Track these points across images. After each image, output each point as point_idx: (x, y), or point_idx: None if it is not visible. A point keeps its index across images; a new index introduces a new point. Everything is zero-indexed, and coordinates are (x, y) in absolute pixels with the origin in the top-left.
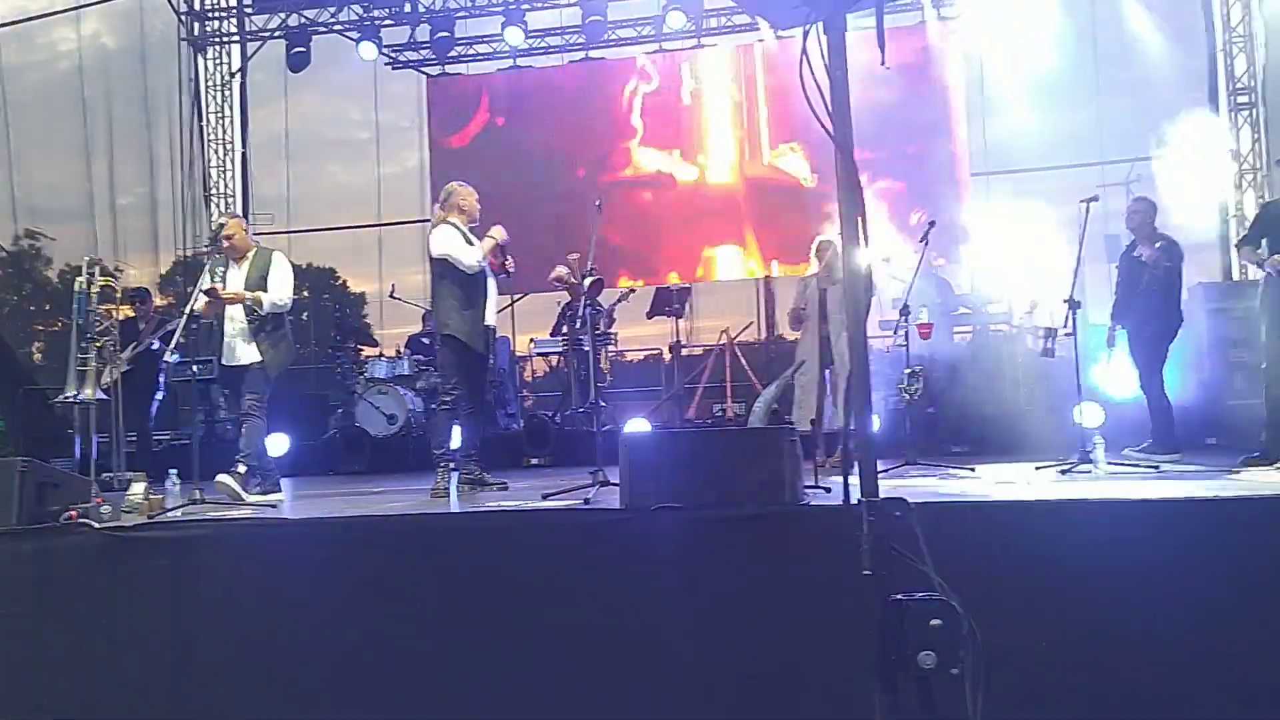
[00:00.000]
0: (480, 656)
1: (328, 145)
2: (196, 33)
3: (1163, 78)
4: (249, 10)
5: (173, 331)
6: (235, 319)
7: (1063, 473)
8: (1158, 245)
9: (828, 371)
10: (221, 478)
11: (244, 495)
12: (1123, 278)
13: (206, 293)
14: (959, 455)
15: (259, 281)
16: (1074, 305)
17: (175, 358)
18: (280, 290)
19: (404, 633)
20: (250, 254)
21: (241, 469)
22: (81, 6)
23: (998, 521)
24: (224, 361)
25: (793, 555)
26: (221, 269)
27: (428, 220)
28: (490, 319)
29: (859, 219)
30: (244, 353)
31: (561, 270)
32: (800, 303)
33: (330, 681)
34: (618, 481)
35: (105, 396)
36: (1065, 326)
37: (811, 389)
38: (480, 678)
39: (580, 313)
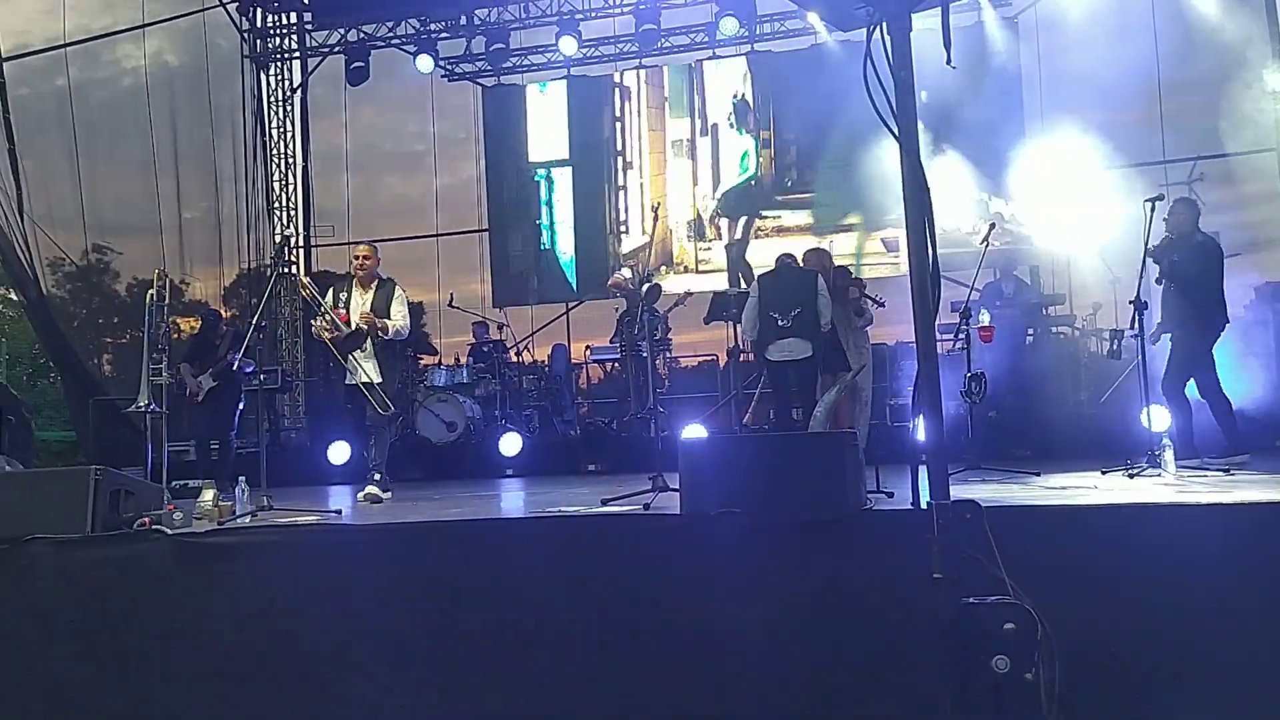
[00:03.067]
0: (541, 660)
1: (386, 157)
2: (259, 50)
3: (1226, 75)
4: (310, 27)
5: (245, 341)
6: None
7: (1131, 476)
8: (1197, 240)
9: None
10: (370, 490)
11: (384, 497)
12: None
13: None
14: (1021, 459)
15: (382, 309)
16: (1140, 306)
17: (249, 366)
18: (402, 321)
19: (465, 635)
20: (375, 281)
21: (377, 477)
22: (147, 25)
23: (1066, 525)
24: (347, 381)
25: (857, 560)
26: (344, 294)
27: (484, 230)
28: None
29: (925, 221)
30: (368, 372)
31: (620, 276)
32: None
33: (397, 683)
34: (677, 487)
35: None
36: (1132, 328)
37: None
38: (541, 680)
39: (638, 319)
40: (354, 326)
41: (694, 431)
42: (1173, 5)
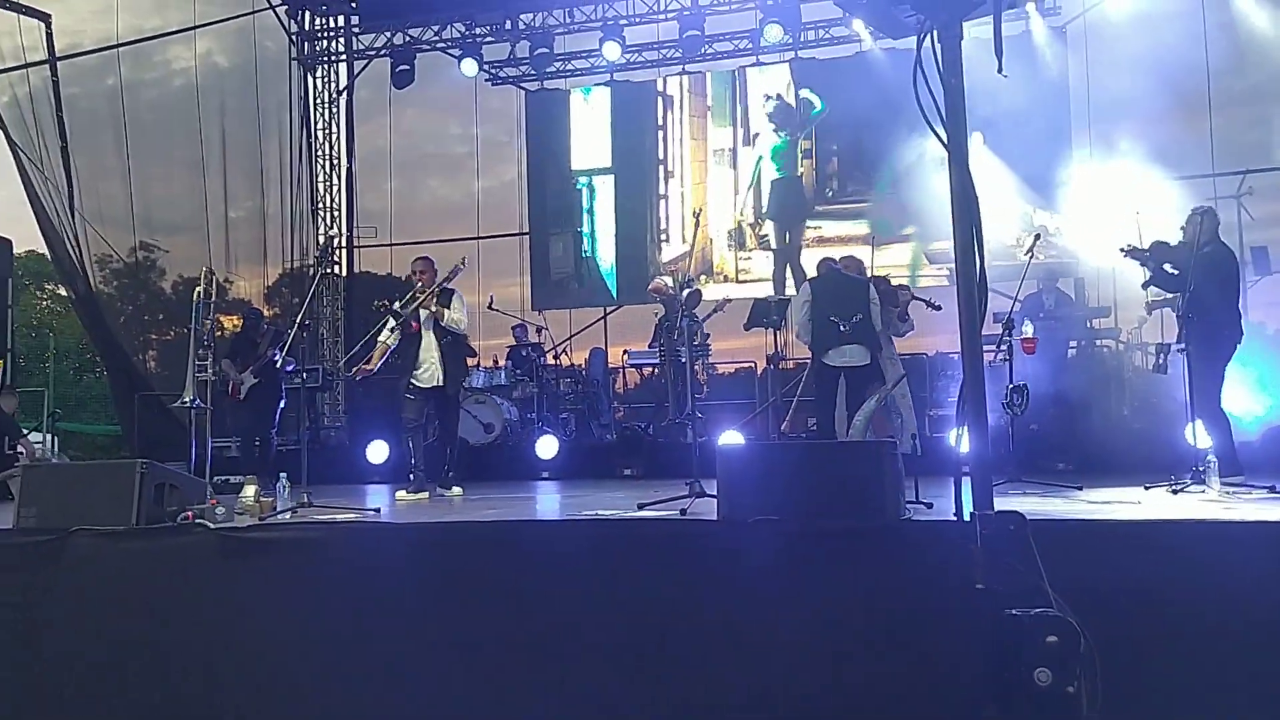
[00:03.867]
0: (574, 663)
1: (428, 159)
2: (306, 52)
3: (1277, 89)
4: (356, 30)
5: (287, 340)
6: (429, 347)
7: (1174, 492)
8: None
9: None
10: (455, 490)
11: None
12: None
13: (394, 313)
14: (1063, 473)
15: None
16: (1187, 320)
17: (291, 364)
18: (459, 313)
19: (500, 636)
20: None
21: (450, 474)
22: (197, 27)
23: (1109, 539)
24: (420, 385)
25: (896, 570)
26: (411, 304)
27: (525, 233)
28: None
29: (974, 229)
30: (434, 376)
31: (660, 281)
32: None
33: (432, 682)
34: (714, 493)
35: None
36: (1178, 342)
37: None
38: (574, 684)
39: (677, 324)
40: (439, 340)
41: (731, 438)
42: (1224, 16)
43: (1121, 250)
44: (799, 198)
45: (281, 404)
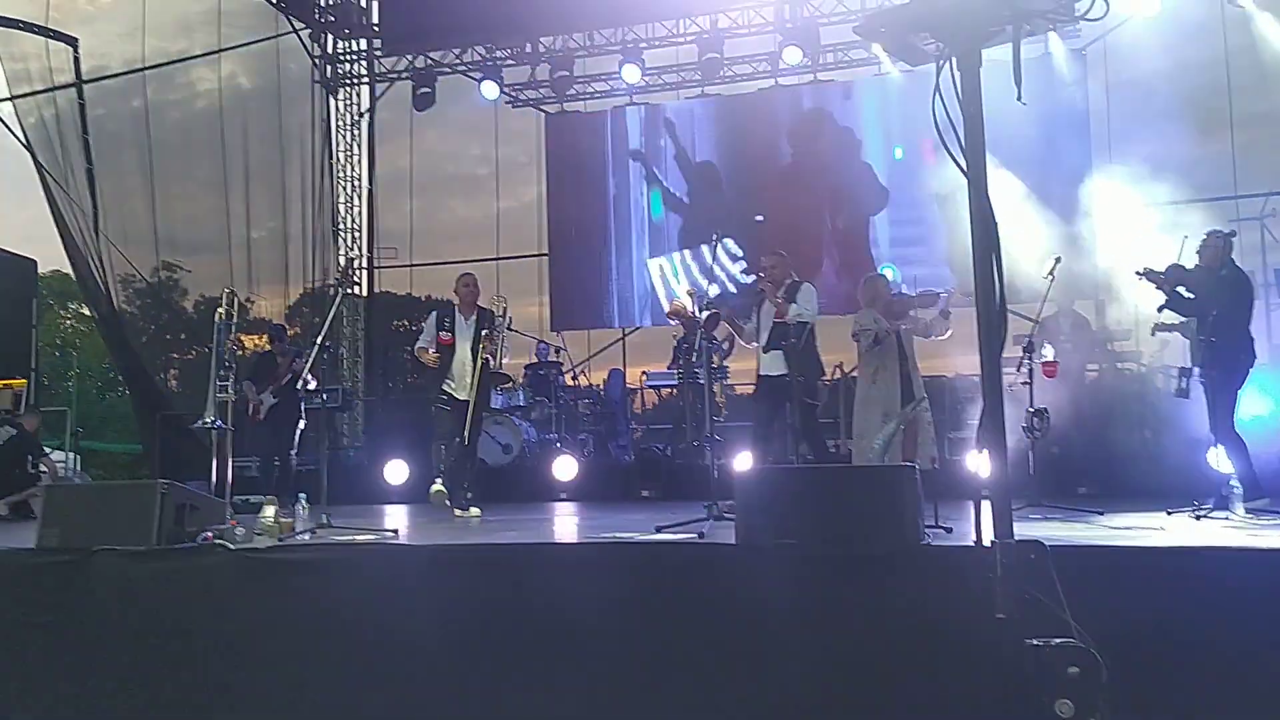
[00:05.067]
0: (592, 685)
1: (449, 181)
2: (329, 75)
3: None
4: (379, 54)
5: (308, 361)
6: (465, 361)
7: (1197, 518)
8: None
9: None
10: (474, 510)
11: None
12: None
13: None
14: (1084, 498)
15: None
16: (1208, 344)
17: (313, 384)
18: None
19: (517, 658)
20: (477, 308)
21: (469, 495)
22: (222, 50)
23: (1132, 568)
24: (458, 397)
25: (914, 596)
26: (449, 319)
27: (545, 254)
28: None
29: (992, 254)
30: (467, 390)
31: (679, 303)
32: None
33: (448, 702)
34: (732, 516)
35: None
36: (1196, 365)
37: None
38: (591, 706)
39: (695, 346)
40: (475, 357)
41: (749, 460)
42: (1245, 37)
43: (1138, 273)
44: None
45: (301, 424)
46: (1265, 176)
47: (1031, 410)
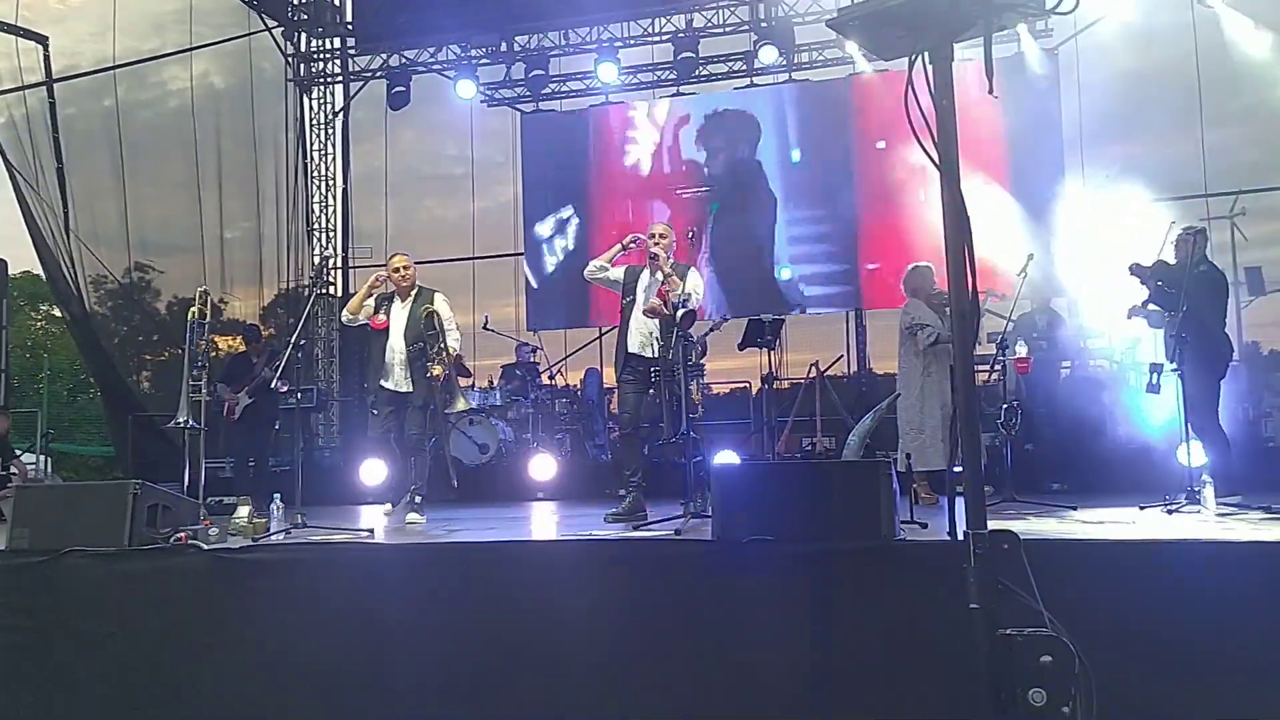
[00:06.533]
0: (570, 681)
1: (424, 180)
2: (303, 74)
3: (1271, 109)
4: (353, 52)
5: (281, 360)
6: (397, 350)
7: (1169, 513)
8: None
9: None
10: (412, 515)
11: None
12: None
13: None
14: (1058, 493)
15: (425, 317)
16: (1181, 340)
17: (285, 385)
18: (456, 335)
19: (494, 656)
20: (414, 291)
21: (418, 500)
22: (194, 49)
23: (1104, 559)
24: (400, 391)
25: (889, 589)
26: (386, 302)
27: (520, 254)
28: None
29: (965, 249)
30: (404, 382)
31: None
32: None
33: (425, 701)
34: (709, 513)
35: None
36: (1171, 362)
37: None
38: (569, 702)
39: (671, 344)
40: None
41: (726, 458)
42: (1215, 37)
43: (1130, 269)
44: None
45: (278, 425)
46: (1235, 175)
47: (1005, 406)
